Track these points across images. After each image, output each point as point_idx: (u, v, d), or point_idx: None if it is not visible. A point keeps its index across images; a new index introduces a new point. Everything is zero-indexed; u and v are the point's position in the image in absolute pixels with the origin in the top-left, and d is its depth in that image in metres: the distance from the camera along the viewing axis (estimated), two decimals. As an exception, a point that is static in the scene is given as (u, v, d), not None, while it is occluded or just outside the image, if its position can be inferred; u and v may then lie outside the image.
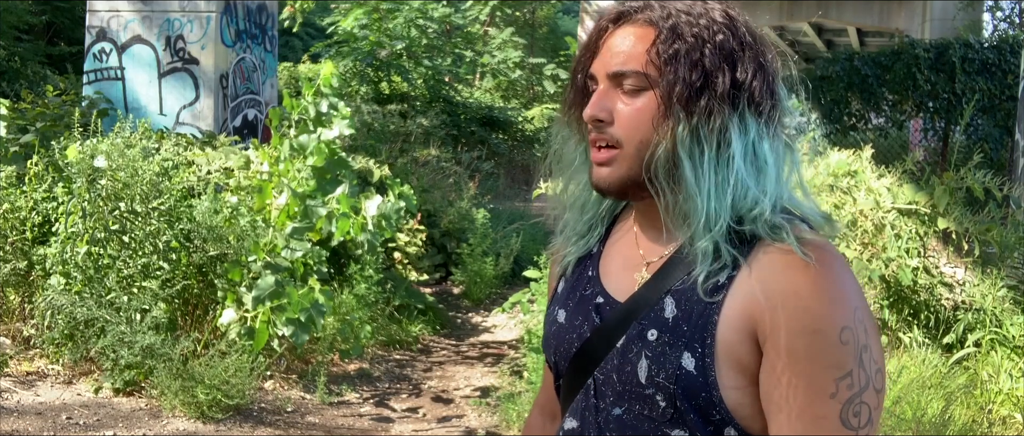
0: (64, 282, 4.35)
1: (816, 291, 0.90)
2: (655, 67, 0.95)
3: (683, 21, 0.96)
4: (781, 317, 0.91)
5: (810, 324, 0.89)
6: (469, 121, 14.13)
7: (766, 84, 0.97)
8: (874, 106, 12.16)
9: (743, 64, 0.96)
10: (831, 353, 0.89)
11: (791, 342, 0.90)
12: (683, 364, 0.93)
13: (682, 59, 0.94)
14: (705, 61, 0.94)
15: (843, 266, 0.93)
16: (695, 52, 0.94)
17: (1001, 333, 4.19)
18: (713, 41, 0.95)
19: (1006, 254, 4.55)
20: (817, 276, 0.91)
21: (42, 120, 6.00)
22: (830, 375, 0.89)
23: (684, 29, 0.95)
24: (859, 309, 0.91)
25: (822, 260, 0.92)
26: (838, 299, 0.90)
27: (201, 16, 7.92)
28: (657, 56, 0.95)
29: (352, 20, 13.84)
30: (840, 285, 0.91)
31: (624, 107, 0.98)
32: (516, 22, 21.10)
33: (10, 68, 10.88)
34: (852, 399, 0.89)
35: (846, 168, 4.87)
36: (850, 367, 0.89)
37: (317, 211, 4.40)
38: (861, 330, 0.90)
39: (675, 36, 0.95)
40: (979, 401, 3.89)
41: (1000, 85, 11.20)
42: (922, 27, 15.45)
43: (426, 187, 8.68)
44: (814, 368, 0.89)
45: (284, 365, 4.78)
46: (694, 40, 0.95)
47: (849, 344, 0.89)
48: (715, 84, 0.94)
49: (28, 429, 3.70)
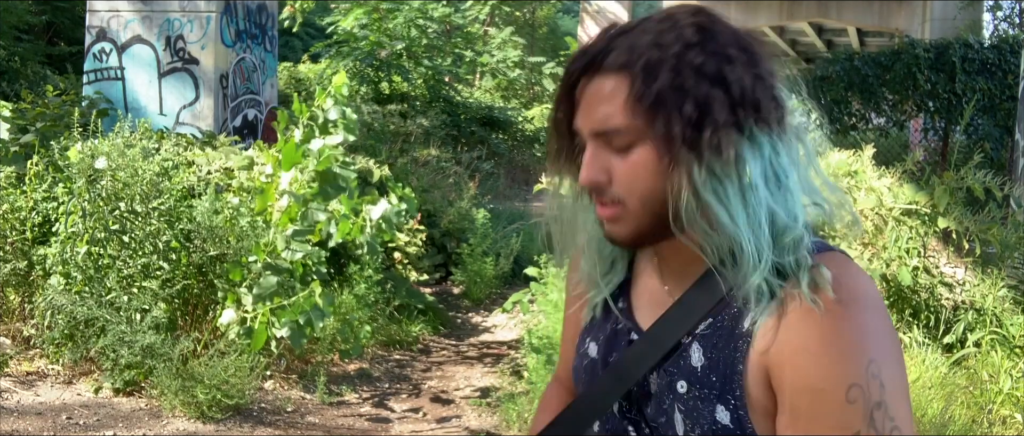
0: (64, 282, 4.35)
1: (824, 344, 0.83)
2: (642, 117, 0.86)
3: (655, 57, 0.85)
4: (787, 372, 0.85)
5: (813, 382, 0.83)
6: (469, 121, 14.14)
7: (766, 90, 0.88)
8: (874, 106, 12.16)
9: (735, 78, 0.86)
10: (835, 413, 0.82)
11: (793, 400, 0.85)
12: (718, 418, 0.89)
13: (668, 99, 0.85)
14: (693, 92, 0.85)
15: (868, 310, 0.85)
16: (679, 87, 0.85)
17: (1001, 333, 4.19)
18: (693, 66, 0.85)
19: (1006, 254, 4.55)
20: (830, 327, 0.84)
21: (42, 120, 6.01)
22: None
23: (657, 65, 0.85)
24: (876, 361, 0.83)
25: (839, 306, 0.84)
26: (849, 353, 0.83)
27: (201, 16, 7.92)
28: (639, 104, 0.86)
29: (352, 20, 13.85)
30: (855, 335, 0.83)
31: (619, 164, 0.90)
32: (516, 22, 21.11)
33: (10, 68, 10.88)
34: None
35: (846, 168, 4.87)
36: (857, 428, 0.81)
37: (317, 215, 4.41)
38: (875, 386, 0.82)
39: (651, 77, 0.85)
40: (979, 401, 3.89)
41: (1000, 85, 11.20)
42: (922, 27, 15.46)
43: (426, 187, 8.68)
44: (815, 428, 0.83)
45: (284, 365, 4.78)
46: (673, 74, 0.85)
47: (856, 403, 0.82)
48: (713, 112, 0.85)
49: (28, 429, 3.70)
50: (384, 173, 7.54)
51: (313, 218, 4.41)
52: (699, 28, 0.87)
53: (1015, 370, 3.97)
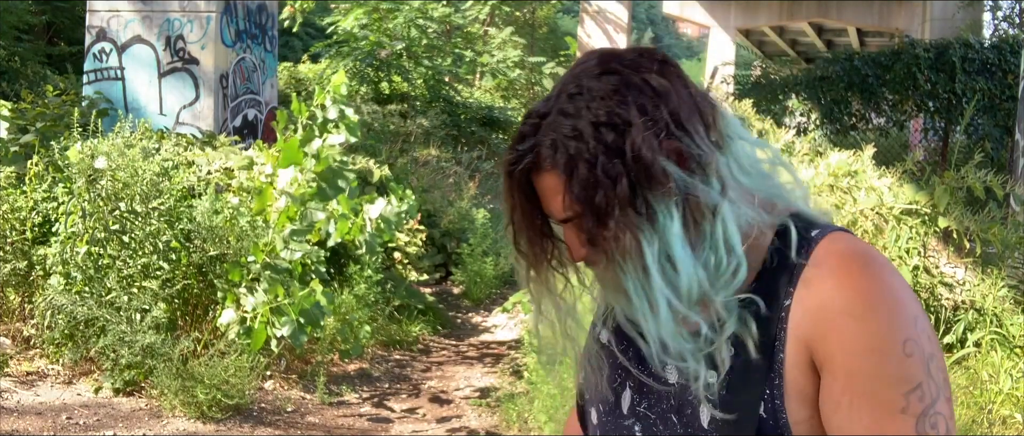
0: (64, 282, 4.35)
1: (868, 306, 0.85)
2: (577, 208, 0.90)
3: (572, 150, 0.88)
4: (835, 340, 0.86)
5: (868, 343, 0.85)
6: (469, 121, 14.13)
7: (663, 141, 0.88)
8: (874, 106, 12.16)
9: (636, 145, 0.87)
10: (896, 368, 0.84)
11: (849, 363, 0.85)
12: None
13: (583, 195, 0.88)
14: (601, 180, 0.87)
15: (892, 272, 0.88)
16: (592, 178, 0.88)
17: (1001, 333, 4.19)
18: (604, 146, 0.87)
19: (1006, 254, 4.55)
20: (867, 288, 0.86)
21: (42, 120, 6.01)
22: (898, 390, 0.84)
23: (575, 161, 0.88)
24: (919, 317, 0.86)
25: (867, 268, 0.87)
26: (895, 310, 0.85)
27: (201, 16, 7.91)
28: (573, 201, 0.90)
29: (352, 20, 13.85)
30: (893, 294, 0.86)
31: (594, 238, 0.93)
32: (516, 22, 21.10)
33: (10, 68, 10.88)
34: (926, 411, 0.84)
35: (846, 168, 4.87)
36: (920, 379, 0.84)
37: (316, 214, 4.41)
38: (925, 339, 0.85)
39: (573, 175, 0.88)
40: (979, 401, 3.89)
41: (1000, 85, 11.19)
42: (922, 27, 15.46)
43: (426, 187, 8.68)
44: (878, 386, 0.84)
45: (284, 365, 4.77)
46: (587, 168, 0.88)
47: (914, 355, 0.84)
48: (614, 198, 0.87)
49: (28, 429, 3.70)
50: (384, 173, 7.54)
51: (311, 218, 4.41)
52: (604, 98, 0.89)
53: (1015, 370, 3.97)
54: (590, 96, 0.89)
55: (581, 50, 15.51)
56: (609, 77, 0.90)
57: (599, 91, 0.89)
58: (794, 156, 5.35)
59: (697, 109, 0.91)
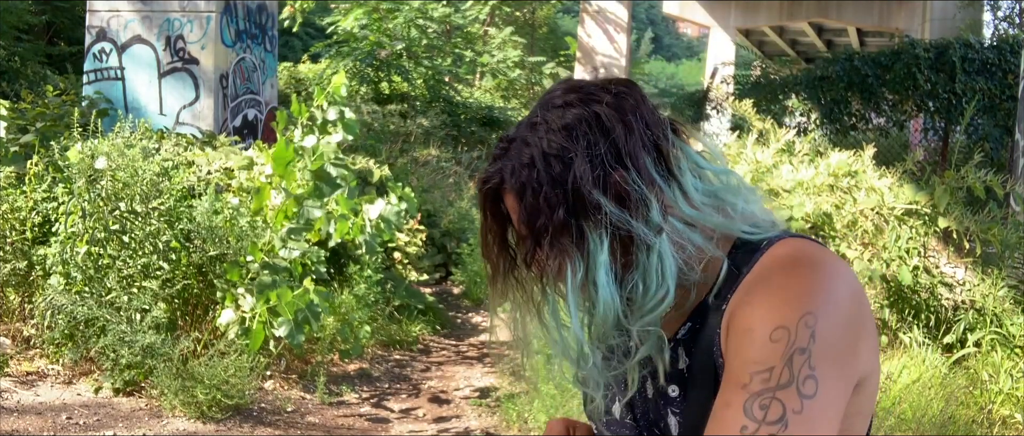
0: (64, 282, 4.35)
1: (769, 295, 0.88)
2: (525, 230, 0.98)
3: (523, 178, 0.95)
4: (733, 323, 0.90)
5: (746, 323, 0.87)
6: (469, 121, 14.13)
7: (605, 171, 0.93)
8: (874, 106, 12.15)
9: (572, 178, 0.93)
10: (755, 349, 0.85)
11: (730, 344, 0.89)
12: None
13: (528, 219, 0.96)
14: (541, 206, 0.94)
15: (827, 275, 0.89)
16: (535, 205, 0.95)
17: (1001, 333, 4.19)
18: (550, 176, 0.94)
19: (1007, 254, 4.55)
20: (777, 282, 0.89)
21: (42, 120, 6.00)
22: (748, 369, 0.84)
23: (524, 190, 0.95)
24: (813, 314, 0.85)
25: (789, 266, 0.90)
26: (787, 301, 0.86)
27: (201, 16, 7.92)
28: (522, 224, 0.97)
29: (352, 20, 13.85)
30: (801, 289, 0.87)
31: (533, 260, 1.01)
32: (516, 22, 21.09)
33: (10, 68, 10.87)
34: (763, 392, 0.83)
35: (846, 168, 4.87)
36: (772, 363, 0.83)
37: (313, 212, 4.41)
38: (804, 334, 0.84)
39: (520, 199, 0.96)
40: (979, 401, 3.89)
41: (1000, 85, 11.19)
42: (922, 27, 15.46)
43: (426, 187, 8.68)
44: (735, 363, 0.86)
45: (284, 365, 4.77)
46: (532, 196, 0.95)
47: (779, 343, 0.84)
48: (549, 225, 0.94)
49: (28, 429, 3.70)
50: (384, 173, 7.54)
51: (308, 215, 4.41)
52: (557, 130, 0.95)
53: (1015, 370, 3.97)
54: (546, 127, 0.95)
55: (581, 50, 15.51)
56: (565, 110, 0.96)
57: (554, 123, 0.95)
58: (794, 156, 5.36)
59: (648, 142, 0.95)
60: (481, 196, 1.02)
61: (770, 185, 5.03)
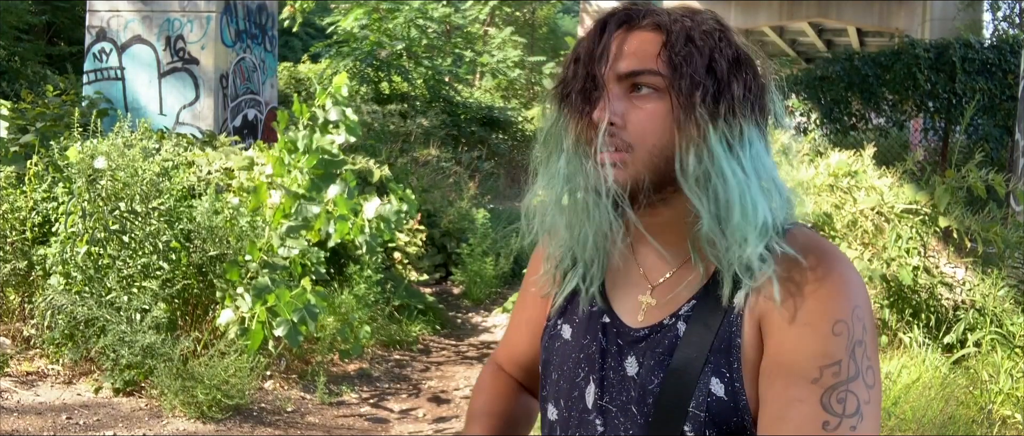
0: (64, 282, 4.35)
1: (815, 289, 0.89)
2: (671, 68, 0.92)
3: (689, 25, 0.94)
4: (776, 316, 0.90)
5: (803, 318, 0.88)
6: (469, 121, 14.13)
7: (763, 95, 0.97)
8: (874, 106, 12.16)
9: (745, 75, 0.94)
10: (819, 343, 0.86)
11: (780, 337, 0.89)
12: (713, 390, 0.91)
13: (698, 63, 0.92)
14: (718, 68, 0.92)
15: (848, 266, 0.91)
16: (708, 58, 0.92)
17: (1001, 333, 4.19)
18: (721, 49, 0.93)
19: (1007, 253, 4.55)
20: (819, 275, 0.89)
21: (42, 120, 6.00)
22: (814, 363, 0.86)
23: (691, 32, 0.93)
24: (859, 308, 0.88)
25: (824, 259, 0.91)
26: (836, 296, 0.88)
27: (201, 16, 7.92)
28: (673, 57, 0.92)
29: (352, 20, 13.85)
30: (842, 284, 0.89)
31: (636, 111, 0.93)
32: (516, 22, 21.10)
33: (10, 68, 10.88)
34: (837, 386, 0.85)
35: (847, 168, 4.87)
36: (839, 357, 0.86)
37: (311, 209, 4.40)
38: (858, 327, 0.87)
39: (688, 40, 0.92)
40: (979, 401, 3.89)
41: (1000, 85, 11.19)
42: (922, 27, 15.46)
43: (426, 187, 8.68)
44: (798, 357, 0.87)
45: (284, 365, 4.77)
46: (703, 43, 0.93)
47: (841, 336, 0.86)
48: (732, 91, 0.92)
49: (28, 429, 3.70)
50: (384, 173, 7.54)
51: (305, 213, 4.40)
52: (721, 26, 0.96)
53: (1015, 370, 3.96)
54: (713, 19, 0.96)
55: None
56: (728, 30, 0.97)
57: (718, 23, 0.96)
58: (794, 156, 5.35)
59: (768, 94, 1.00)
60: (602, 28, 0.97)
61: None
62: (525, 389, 1.24)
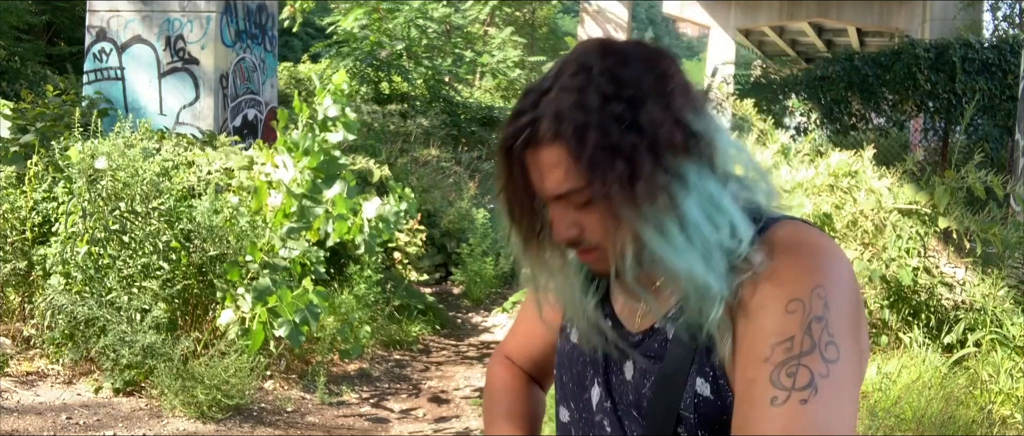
0: (64, 282, 4.35)
1: (776, 274, 0.87)
2: (585, 179, 0.89)
3: (581, 120, 0.87)
4: (743, 309, 0.88)
5: (759, 301, 0.86)
6: (469, 121, 14.13)
7: (678, 120, 0.89)
8: (874, 106, 12.16)
9: (649, 120, 0.88)
10: (772, 322, 0.84)
11: (743, 327, 0.88)
12: (698, 390, 0.92)
13: (601, 161, 0.88)
14: (620, 147, 0.87)
15: (823, 253, 0.89)
16: (607, 146, 0.87)
17: (1001, 333, 4.19)
18: (614, 118, 0.87)
19: (1007, 254, 4.55)
20: (783, 262, 0.88)
21: (42, 120, 6.00)
22: (767, 341, 0.84)
23: (585, 129, 0.87)
24: (823, 287, 0.85)
25: (794, 247, 0.89)
26: (796, 277, 0.86)
27: (201, 16, 7.91)
28: (579, 169, 0.89)
29: (352, 20, 13.84)
30: (806, 266, 0.87)
31: (585, 218, 0.93)
32: (516, 22, 21.10)
33: (10, 68, 10.87)
34: (787, 361, 0.82)
35: (847, 168, 4.87)
36: (792, 333, 0.83)
37: (313, 210, 4.40)
38: (818, 304, 0.84)
39: (582, 142, 0.88)
40: (979, 401, 3.89)
41: (1000, 85, 11.19)
42: (922, 27, 15.46)
43: (426, 187, 8.68)
44: (754, 339, 0.85)
45: (284, 365, 4.77)
46: (600, 134, 0.87)
47: (795, 313, 0.84)
48: (640, 163, 0.87)
49: (28, 429, 3.70)
50: (384, 173, 7.54)
51: (307, 214, 4.40)
52: (611, 75, 0.89)
53: (1015, 370, 3.97)
54: (596, 72, 0.89)
55: (581, 50, 15.46)
56: (613, 57, 0.91)
57: (604, 68, 0.89)
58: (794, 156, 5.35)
59: (694, 93, 0.93)
60: (508, 156, 0.94)
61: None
62: (536, 382, 1.28)
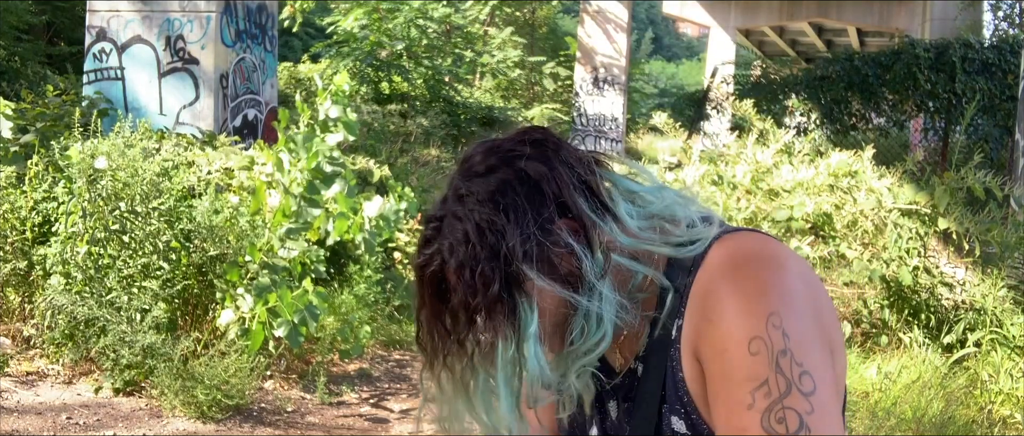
0: (64, 282, 4.35)
1: (724, 308, 0.88)
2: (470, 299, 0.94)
3: (455, 264, 0.92)
4: (703, 346, 0.89)
5: (718, 345, 0.87)
6: (469, 121, 14.13)
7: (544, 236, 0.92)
8: (874, 106, 12.16)
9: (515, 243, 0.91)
10: (741, 367, 0.85)
11: (709, 368, 0.88)
12: (675, 428, 0.93)
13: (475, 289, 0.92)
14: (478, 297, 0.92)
15: (765, 266, 0.89)
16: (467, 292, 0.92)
17: (1001, 333, 4.19)
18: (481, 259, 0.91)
19: (1006, 254, 4.55)
20: (728, 290, 0.88)
21: (42, 120, 6.00)
22: (744, 388, 0.85)
23: (458, 272, 0.92)
24: (777, 313, 0.86)
25: (735, 270, 0.90)
26: (746, 309, 0.86)
27: (201, 16, 7.91)
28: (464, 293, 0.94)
29: (352, 20, 13.85)
30: (752, 291, 0.87)
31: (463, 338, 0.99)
32: (516, 22, 21.09)
33: (10, 68, 10.87)
34: (772, 407, 0.83)
35: (846, 168, 4.87)
36: (765, 375, 0.84)
37: (311, 210, 4.40)
38: (777, 335, 0.85)
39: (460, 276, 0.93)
40: (979, 401, 3.89)
41: (1000, 85, 11.19)
42: (922, 27, 15.46)
43: (426, 187, 8.68)
44: (728, 385, 0.86)
45: (284, 365, 4.78)
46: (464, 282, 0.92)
47: (760, 354, 0.85)
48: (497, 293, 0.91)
49: (28, 429, 3.70)
50: (384, 173, 7.54)
51: (306, 214, 4.40)
52: (490, 196, 0.92)
53: (1015, 370, 3.97)
54: (474, 199, 0.93)
55: (581, 50, 15.51)
56: (488, 177, 0.93)
57: (481, 193, 0.92)
58: (794, 156, 5.36)
59: (577, 183, 0.94)
60: (420, 282, 0.98)
61: (770, 185, 5.03)
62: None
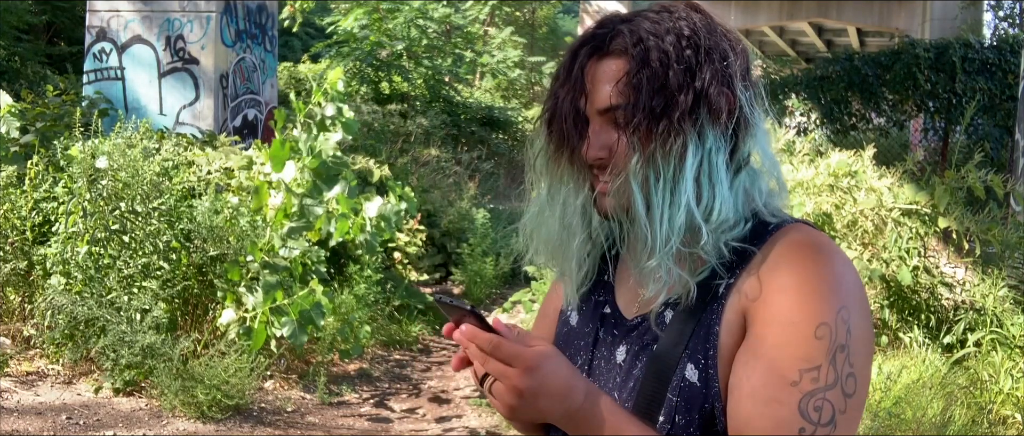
0: (64, 282, 4.35)
1: (802, 284, 0.88)
2: (627, 98, 0.93)
3: (650, 44, 0.93)
4: (761, 309, 0.89)
5: (786, 315, 0.87)
6: (469, 121, 14.13)
7: (725, 86, 0.94)
8: (874, 106, 12.15)
9: (703, 74, 0.93)
10: (800, 345, 0.86)
11: (763, 330, 0.88)
12: (687, 376, 0.92)
13: (645, 87, 0.92)
14: (669, 83, 0.92)
15: (842, 264, 0.90)
16: (659, 76, 0.92)
17: (1001, 333, 4.19)
18: (679, 57, 0.92)
19: (1007, 254, 4.55)
20: (809, 270, 0.89)
21: (42, 120, 6.00)
22: (795, 365, 0.85)
23: (649, 53, 0.92)
24: (847, 309, 0.87)
25: (816, 254, 0.90)
26: (824, 293, 0.87)
27: (201, 16, 7.91)
28: (629, 87, 0.93)
29: (352, 20, 13.85)
30: (832, 281, 0.88)
31: (619, 143, 0.96)
32: (516, 22, 21.09)
33: (10, 68, 10.87)
34: (815, 393, 0.85)
35: (847, 168, 4.87)
36: (819, 362, 0.85)
37: (314, 210, 4.40)
38: (842, 330, 0.86)
39: (642, 64, 0.92)
40: (979, 401, 3.89)
41: (1000, 85, 11.19)
42: (922, 27, 15.45)
43: (426, 187, 8.68)
44: (780, 354, 0.86)
45: (284, 365, 4.77)
46: (660, 64, 0.92)
47: (824, 340, 0.86)
48: (676, 105, 0.92)
49: (28, 429, 3.70)
50: (384, 173, 7.54)
51: (308, 214, 4.40)
52: (691, 24, 0.95)
53: (1015, 370, 3.97)
54: (680, 18, 0.95)
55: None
56: (698, 14, 0.96)
57: (689, 19, 0.95)
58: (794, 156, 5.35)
59: (754, 82, 0.98)
60: (573, 60, 0.97)
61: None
62: None
